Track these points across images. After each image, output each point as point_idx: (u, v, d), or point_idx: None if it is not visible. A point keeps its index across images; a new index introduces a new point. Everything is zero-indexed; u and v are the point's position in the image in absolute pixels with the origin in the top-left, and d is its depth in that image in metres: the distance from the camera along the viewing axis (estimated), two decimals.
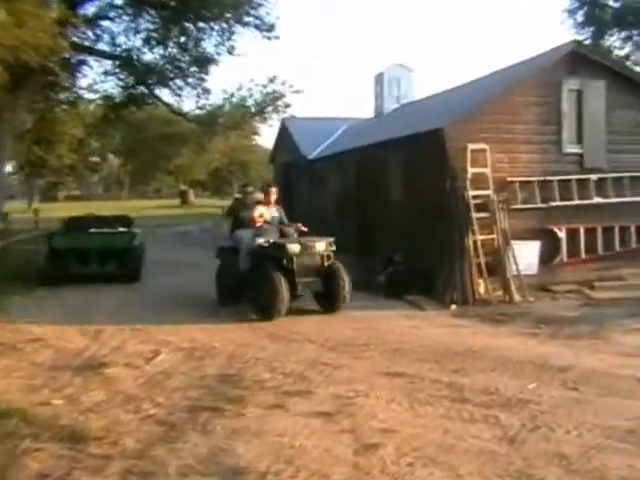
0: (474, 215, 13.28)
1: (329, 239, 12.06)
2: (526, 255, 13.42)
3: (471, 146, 13.38)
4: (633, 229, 14.89)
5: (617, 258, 14.54)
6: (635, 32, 34.98)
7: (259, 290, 11.39)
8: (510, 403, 6.72)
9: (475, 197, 13.38)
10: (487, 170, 13.54)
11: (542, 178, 14.15)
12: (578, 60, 14.44)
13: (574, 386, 7.27)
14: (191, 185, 68.15)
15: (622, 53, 35.28)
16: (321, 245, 11.94)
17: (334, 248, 12.03)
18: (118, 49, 26.49)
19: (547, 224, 14.13)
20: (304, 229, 12.48)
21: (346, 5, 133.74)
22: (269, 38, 26.58)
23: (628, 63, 32.40)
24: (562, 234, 14.16)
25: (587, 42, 33.06)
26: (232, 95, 31.58)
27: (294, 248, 11.56)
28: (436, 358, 8.67)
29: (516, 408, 6.56)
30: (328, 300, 11.99)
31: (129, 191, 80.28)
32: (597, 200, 14.48)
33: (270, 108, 31.82)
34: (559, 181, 14.24)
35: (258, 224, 12.26)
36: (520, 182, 14.02)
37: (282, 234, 12.39)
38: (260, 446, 5.63)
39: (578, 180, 14.40)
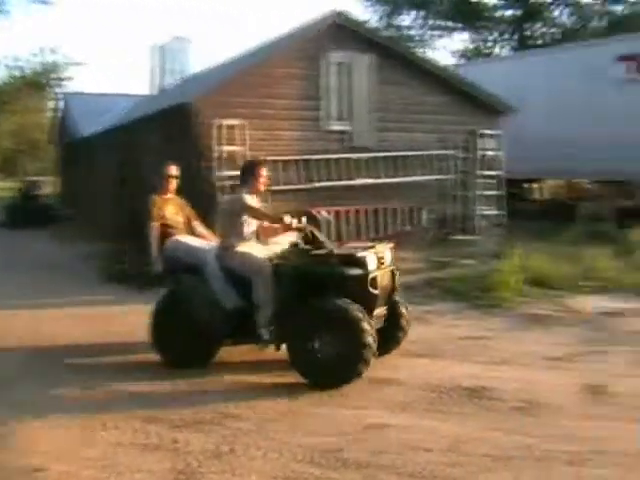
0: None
1: (389, 244, 7.65)
2: (287, 239, 12.49)
3: (224, 122, 12.29)
4: (406, 211, 14.39)
5: (387, 241, 13.97)
6: (430, 14, 35.45)
7: (316, 337, 6.53)
8: (213, 420, 5.64)
9: (230, 178, 12.30)
10: (243, 148, 12.52)
11: (305, 157, 13.31)
12: (344, 32, 13.67)
13: (296, 394, 6.30)
14: None
15: (416, 33, 35.86)
16: (389, 255, 7.35)
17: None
18: None
19: (310, 206, 13.27)
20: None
21: None
22: (44, 3, 24.66)
23: (418, 44, 32.92)
24: (328, 216, 13.38)
25: (381, 20, 33.31)
26: (6, 65, 29.28)
27: (373, 261, 6.90)
28: None
29: (217, 426, 5.51)
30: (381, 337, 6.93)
31: None
32: (365, 181, 13.85)
33: (46, 81, 29.71)
34: (323, 160, 13.46)
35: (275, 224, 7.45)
36: (281, 161, 13.07)
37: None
38: None
39: (344, 160, 13.71)
